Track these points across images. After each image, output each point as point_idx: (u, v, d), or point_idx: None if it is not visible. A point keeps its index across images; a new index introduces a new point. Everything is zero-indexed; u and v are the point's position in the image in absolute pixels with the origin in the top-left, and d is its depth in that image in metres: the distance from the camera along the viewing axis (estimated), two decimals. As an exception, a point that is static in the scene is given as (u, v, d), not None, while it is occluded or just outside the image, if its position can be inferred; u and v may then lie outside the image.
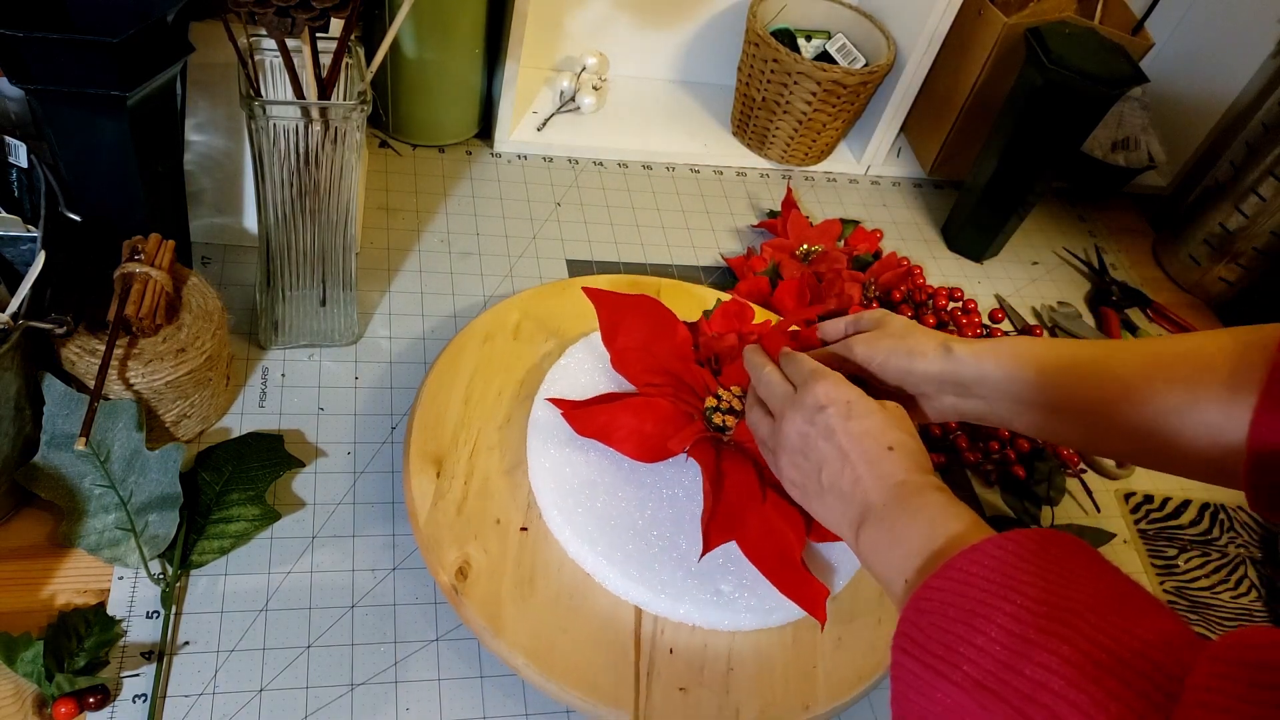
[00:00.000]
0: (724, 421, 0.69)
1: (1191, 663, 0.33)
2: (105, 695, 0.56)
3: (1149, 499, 0.86)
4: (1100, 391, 0.54)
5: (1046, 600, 0.38)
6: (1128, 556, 0.82)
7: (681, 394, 0.71)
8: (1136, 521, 0.84)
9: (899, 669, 0.41)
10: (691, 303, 0.85)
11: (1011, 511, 0.82)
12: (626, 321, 0.74)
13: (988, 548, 0.41)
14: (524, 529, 0.66)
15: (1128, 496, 0.86)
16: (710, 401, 0.70)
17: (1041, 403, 0.56)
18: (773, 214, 1.03)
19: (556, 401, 0.70)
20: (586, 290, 0.75)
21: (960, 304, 0.98)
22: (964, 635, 0.38)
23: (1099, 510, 0.84)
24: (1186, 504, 0.87)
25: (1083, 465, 0.87)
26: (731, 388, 0.70)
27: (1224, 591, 0.81)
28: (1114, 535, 0.82)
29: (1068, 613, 0.37)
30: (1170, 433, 0.52)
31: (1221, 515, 0.87)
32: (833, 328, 0.65)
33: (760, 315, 0.82)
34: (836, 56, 1.06)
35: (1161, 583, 0.80)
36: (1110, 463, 0.88)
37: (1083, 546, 0.41)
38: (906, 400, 0.60)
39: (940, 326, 0.94)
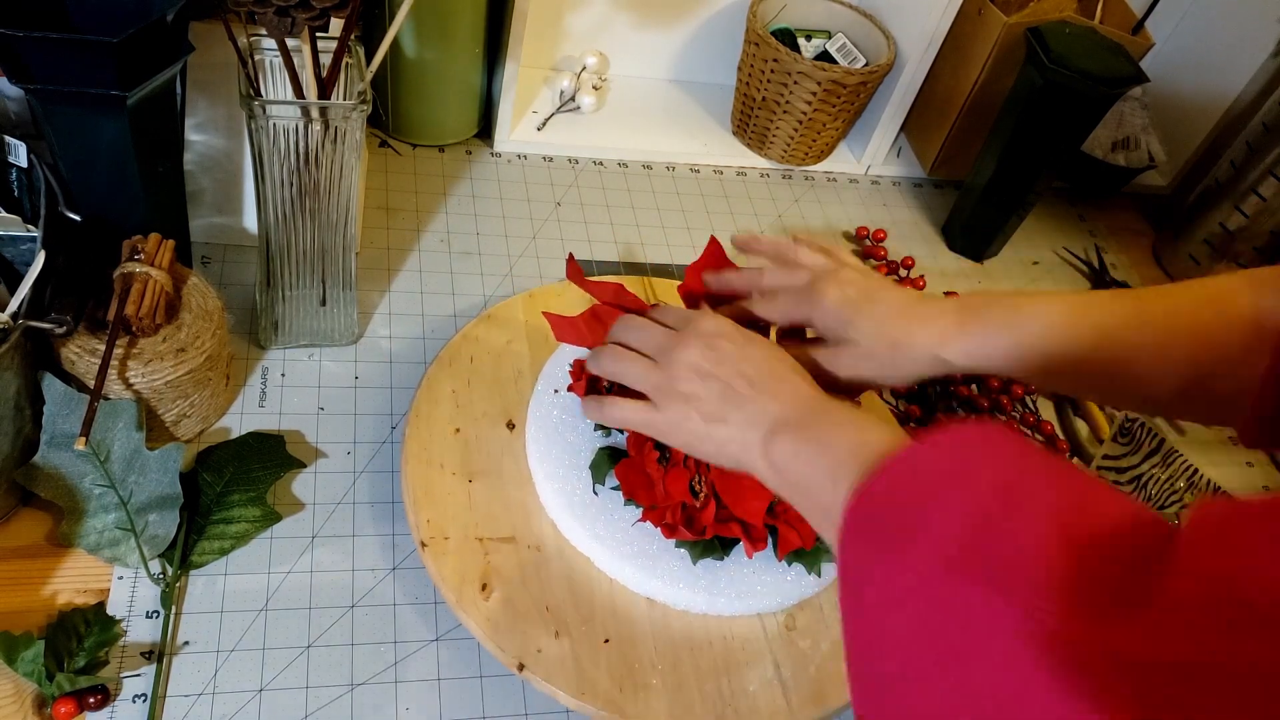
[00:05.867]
0: None
1: (1158, 547, 0.32)
2: (105, 695, 0.56)
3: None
4: (1115, 377, 0.53)
5: (1007, 483, 0.36)
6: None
7: None
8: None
9: (848, 559, 0.39)
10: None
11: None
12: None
13: (934, 440, 0.40)
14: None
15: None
16: None
17: (1049, 384, 0.58)
18: None
19: (550, 315, 0.67)
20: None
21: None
22: (921, 518, 0.36)
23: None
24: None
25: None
26: None
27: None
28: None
29: (1030, 494, 0.35)
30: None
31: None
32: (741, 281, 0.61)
33: None
34: (836, 56, 1.06)
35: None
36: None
37: (1027, 441, 0.40)
38: None
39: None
